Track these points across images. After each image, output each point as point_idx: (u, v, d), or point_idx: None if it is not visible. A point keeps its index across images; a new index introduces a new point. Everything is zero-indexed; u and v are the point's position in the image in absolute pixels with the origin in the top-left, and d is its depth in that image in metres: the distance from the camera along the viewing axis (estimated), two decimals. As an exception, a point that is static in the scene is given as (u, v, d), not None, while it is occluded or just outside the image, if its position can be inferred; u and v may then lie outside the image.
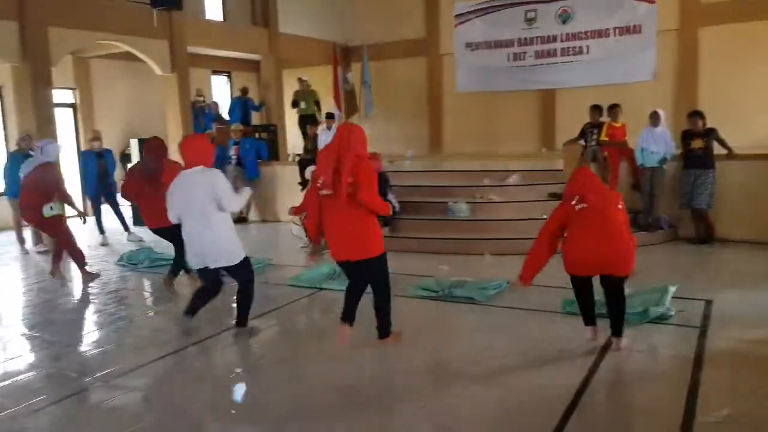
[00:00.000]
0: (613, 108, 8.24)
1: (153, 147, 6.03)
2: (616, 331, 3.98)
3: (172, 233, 4.98)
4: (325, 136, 10.20)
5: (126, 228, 9.17)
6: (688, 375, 3.57)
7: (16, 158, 8.33)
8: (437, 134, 14.37)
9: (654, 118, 7.61)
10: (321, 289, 5.86)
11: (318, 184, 3.98)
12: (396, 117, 14.79)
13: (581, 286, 4.06)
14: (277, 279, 6.38)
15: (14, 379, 4.02)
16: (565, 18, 9.88)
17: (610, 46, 9.44)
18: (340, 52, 14.55)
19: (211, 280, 4.58)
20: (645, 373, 3.74)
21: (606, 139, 8.22)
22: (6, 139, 10.81)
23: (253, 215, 10.75)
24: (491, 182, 8.45)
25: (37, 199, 6.28)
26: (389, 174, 8.06)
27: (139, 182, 5.78)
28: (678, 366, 3.80)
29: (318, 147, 10.32)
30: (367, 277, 4.13)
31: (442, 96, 14.30)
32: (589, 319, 4.11)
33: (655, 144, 7.50)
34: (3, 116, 10.94)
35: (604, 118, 8.42)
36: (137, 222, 10.27)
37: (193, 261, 4.46)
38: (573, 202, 3.94)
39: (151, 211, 5.65)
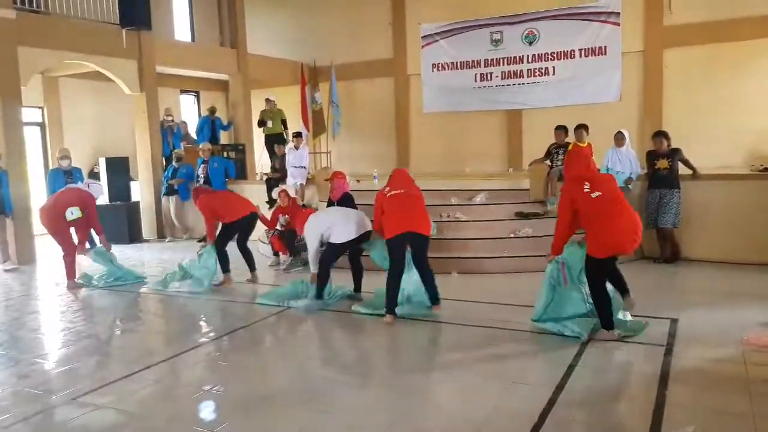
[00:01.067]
0: (578, 128, 8.41)
1: None
2: (626, 291, 4.73)
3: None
4: (292, 156, 10.20)
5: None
6: (654, 393, 3.62)
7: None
8: (404, 153, 14.48)
9: (619, 138, 7.82)
10: (289, 307, 5.83)
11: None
12: (363, 136, 14.89)
13: (611, 265, 4.67)
14: (244, 297, 6.34)
15: (-24, 399, 3.92)
16: (530, 39, 10.17)
17: (576, 67, 9.74)
18: (308, 71, 14.66)
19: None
20: (612, 391, 3.80)
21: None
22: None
23: (222, 234, 10.64)
24: (458, 201, 8.55)
25: (62, 208, 6.94)
26: (353, 193, 8.10)
27: None
28: (644, 383, 3.86)
29: (285, 166, 10.33)
30: (424, 251, 5.34)
31: (409, 116, 14.45)
32: (625, 291, 4.76)
33: (621, 164, 7.70)
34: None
35: (570, 139, 8.62)
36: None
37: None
38: (586, 189, 4.54)
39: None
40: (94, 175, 12.12)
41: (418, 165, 14.04)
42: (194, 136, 12.58)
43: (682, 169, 7.50)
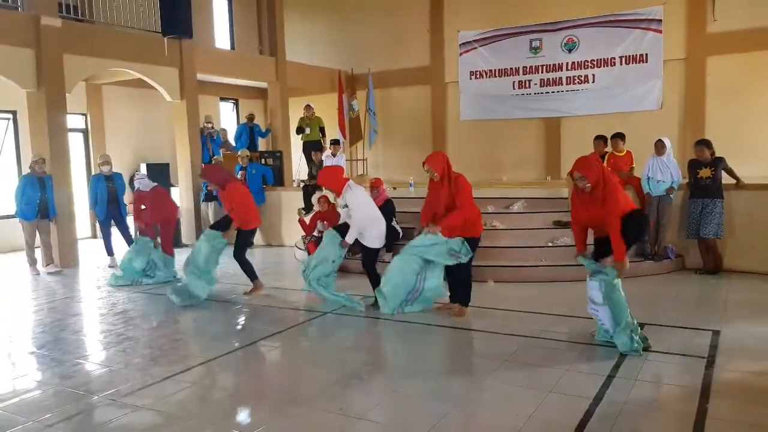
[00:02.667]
0: (614, 138, 8.28)
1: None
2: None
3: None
4: (329, 163, 10.29)
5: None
6: (695, 406, 3.53)
7: (29, 181, 8.48)
8: (442, 162, 14.44)
9: (659, 146, 7.66)
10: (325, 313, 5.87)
11: None
12: (399, 144, 14.93)
13: None
14: (280, 303, 6.40)
15: (23, 396, 4.05)
16: (570, 47, 10.06)
17: (616, 74, 9.60)
18: (345, 79, 14.78)
19: None
20: (651, 403, 3.71)
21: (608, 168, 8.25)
22: (19, 163, 10.97)
23: (258, 239, 10.81)
24: (495, 209, 8.49)
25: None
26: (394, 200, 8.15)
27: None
28: (684, 396, 3.75)
29: (322, 173, 10.41)
30: None
31: (446, 123, 14.44)
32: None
33: (662, 173, 7.54)
34: (17, 140, 11.12)
35: (609, 148, 8.48)
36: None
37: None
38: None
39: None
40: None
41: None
42: (233, 143, 12.80)
43: (726, 179, 7.31)
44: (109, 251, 9.11)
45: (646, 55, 9.52)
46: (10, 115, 11.08)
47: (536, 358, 4.50)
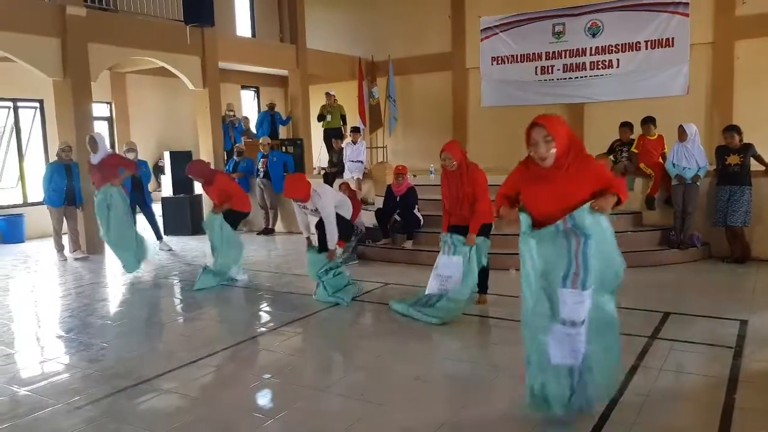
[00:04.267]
0: (645, 122, 8.15)
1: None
2: None
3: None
4: (350, 150, 10.29)
5: (159, 237, 9.41)
6: (722, 396, 3.48)
7: (56, 169, 8.62)
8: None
9: (680, 132, 7.50)
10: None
11: None
12: (419, 131, 14.86)
13: None
14: (302, 290, 6.45)
15: (52, 379, 4.15)
16: (594, 31, 9.88)
17: (641, 59, 9.41)
18: (365, 66, 14.73)
19: None
20: (677, 394, 3.66)
21: (636, 151, 8.14)
22: (46, 151, 11.16)
23: (279, 227, 10.88)
24: (518, 196, 8.41)
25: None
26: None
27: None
28: (711, 387, 3.70)
29: (343, 161, 10.43)
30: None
31: (466, 110, 14.34)
32: None
33: (687, 160, 7.40)
34: (44, 129, 11.31)
35: (635, 135, 8.35)
36: (169, 231, 10.55)
37: None
38: None
39: None
40: (158, 169, 12.60)
41: (476, 160, 13.84)
42: (254, 130, 12.86)
43: (753, 165, 7.15)
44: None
45: (673, 39, 9.29)
46: (38, 104, 11.25)
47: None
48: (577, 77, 10.10)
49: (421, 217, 8.02)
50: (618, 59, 9.78)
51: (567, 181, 2.99)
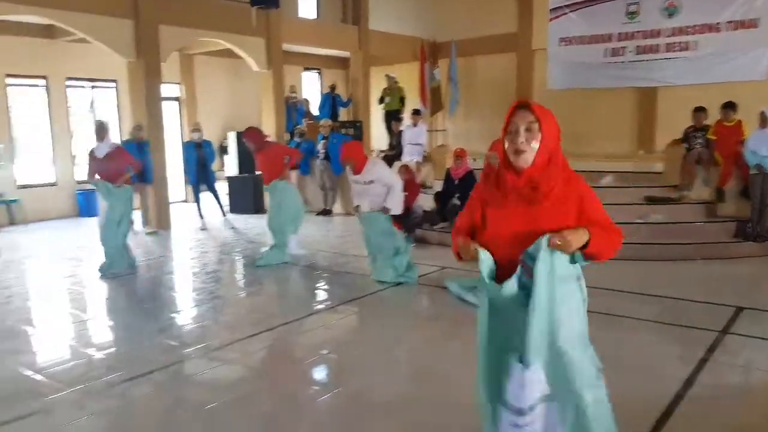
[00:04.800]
0: (725, 107, 7.73)
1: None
2: None
3: None
4: (409, 133, 10.24)
5: (223, 213, 9.70)
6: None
7: (129, 147, 8.95)
8: (525, 132, 14.04)
9: (762, 118, 7.07)
10: (399, 283, 5.86)
11: None
12: (481, 114, 14.61)
13: None
14: (360, 270, 6.49)
15: (124, 345, 4.39)
16: (671, 11, 9.40)
17: (721, 41, 8.90)
18: (427, 48, 14.57)
19: None
20: (745, 390, 3.51)
21: (713, 138, 7.74)
22: (120, 129, 11.64)
23: (337, 208, 10.99)
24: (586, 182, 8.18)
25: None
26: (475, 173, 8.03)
27: None
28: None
29: (401, 143, 10.40)
30: None
31: (531, 93, 13.98)
32: None
33: (767, 147, 6.99)
34: (118, 108, 11.79)
35: (709, 121, 7.94)
36: (234, 210, 10.86)
37: None
38: None
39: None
40: (223, 149, 12.94)
41: (538, 145, 13.59)
42: (316, 112, 12.98)
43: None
44: (201, 214, 9.56)
45: (757, 20, 8.73)
46: (114, 84, 11.71)
47: (622, 337, 4.33)
48: (650, 59, 9.66)
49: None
50: (695, 41, 9.27)
51: (545, 209, 2.10)
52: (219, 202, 9.62)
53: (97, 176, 6.35)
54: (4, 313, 5.15)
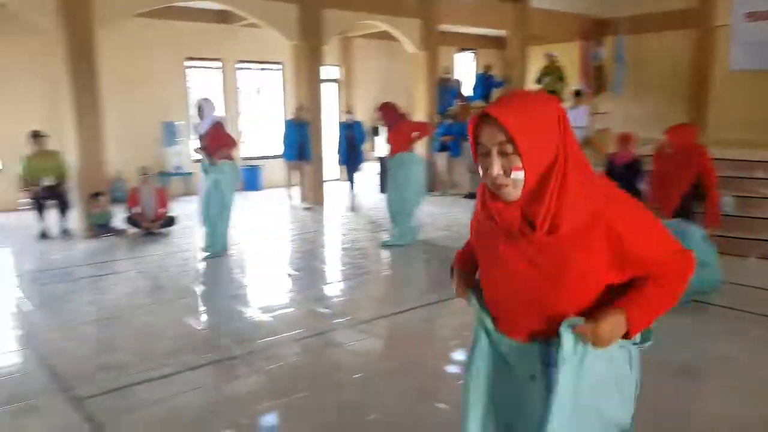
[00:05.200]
0: None
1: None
2: None
3: None
4: (570, 115, 9.71)
5: (351, 188, 10.00)
6: None
7: (292, 126, 9.59)
8: (700, 117, 12.77)
9: None
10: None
11: None
12: (649, 96, 13.51)
13: None
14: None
15: (283, 310, 4.73)
16: None
17: None
18: (591, 25, 13.72)
19: None
20: None
21: None
22: (285, 109, 12.41)
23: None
24: (765, 175, 7.28)
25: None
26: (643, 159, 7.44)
27: None
28: None
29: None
30: None
31: (709, 73, 12.66)
32: None
33: None
34: (284, 89, 12.57)
35: None
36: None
37: None
38: None
39: None
40: (375, 130, 13.28)
41: (716, 130, 12.33)
42: (470, 93, 12.84)
43: None
44: (352, 193, 9.94)
45: None
46: (280, 66, 12.48)
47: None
48: None
49: (645, 192, 7.34)
50: None
51: (555, 251, 1.45)
52: (352, 181, 9.90)
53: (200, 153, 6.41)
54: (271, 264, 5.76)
